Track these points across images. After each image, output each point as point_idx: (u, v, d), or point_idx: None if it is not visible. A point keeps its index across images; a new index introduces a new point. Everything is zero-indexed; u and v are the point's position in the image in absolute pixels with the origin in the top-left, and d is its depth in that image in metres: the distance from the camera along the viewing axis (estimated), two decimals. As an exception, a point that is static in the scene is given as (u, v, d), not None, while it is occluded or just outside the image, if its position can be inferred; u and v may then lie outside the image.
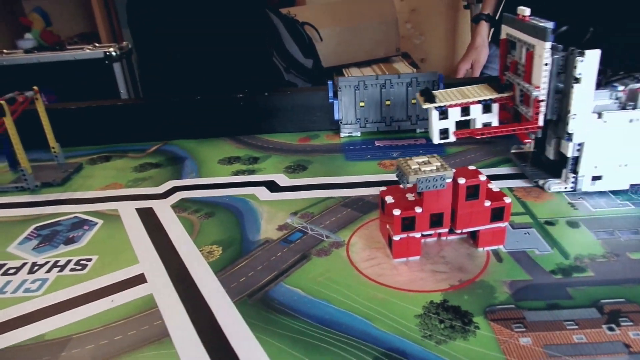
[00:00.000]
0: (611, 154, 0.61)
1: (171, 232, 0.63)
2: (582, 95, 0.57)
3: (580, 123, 0.59)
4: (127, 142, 0.95)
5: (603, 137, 0.60)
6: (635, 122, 0.60)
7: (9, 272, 0.57)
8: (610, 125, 0.60)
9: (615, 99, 0.61)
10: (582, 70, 0.56)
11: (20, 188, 0.77)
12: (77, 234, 0.64)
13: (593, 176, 0.63)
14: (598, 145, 0.61)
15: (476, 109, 0.66)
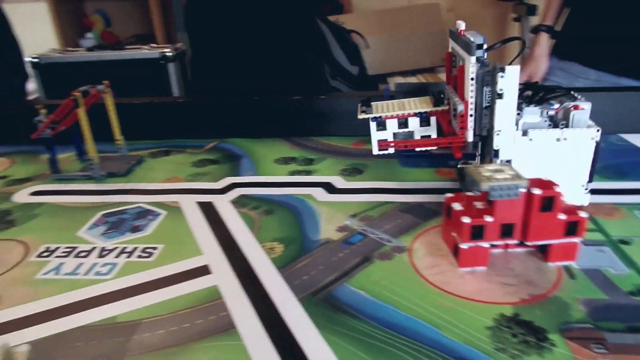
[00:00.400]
0: (540, 174, 0.57)
1: (232, 227, 0.64)
2: (505, 111, 0.56)
3: (505, 140, 0.57)
4: (185, 138, 0.98)
5: (530, 155, 0.58)
6: (563, 141, 0.58)
7: (80, 254, 0.59)
8: (537, 144, 0.58)
9: (546, 117, 0.59)
10: (503, 86, 0.54)
11: (87, 177, 0.80)
12: (142, 223, 0.66)
13: None
14: (525, 164, 0.58)
15: (414, 122, 0.66)
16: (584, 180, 0.60)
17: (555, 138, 0.58)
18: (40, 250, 0.60)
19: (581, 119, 0.58)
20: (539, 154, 0.59)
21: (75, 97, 0.75)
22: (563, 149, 0.58)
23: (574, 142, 0.58)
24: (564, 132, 0.57)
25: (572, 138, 0.57)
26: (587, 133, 0.57)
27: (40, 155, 0.93)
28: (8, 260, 0.58)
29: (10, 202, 0.74)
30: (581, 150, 0.58)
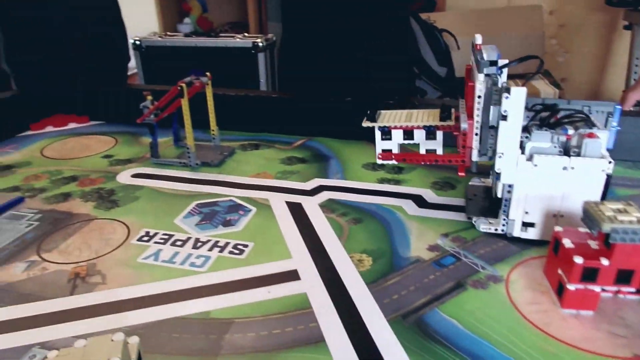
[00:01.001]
0: (544, 202, 0.55)
1: (321, 232, 0.64)
2: (508, 133, 0.53)
3: (508, 163, 0.54)
4: (274, 133, 0.99)
5: (535, 182, 0.55)
6: (570, 170, 0.53)
7: (176, 243, 0.61)
8: (543, 171, 0.54)
9: (557, 143, 0.54)
10: (507, 108, 0.51)
11: (183, 164, 0.84)
12: (233, 218, 0.67)
13: (524, 222, 0.58)
14: (529, 190, 0.55)
15: (420, 134, 0.64)
16: None
17: (562, 166, 0.53)
18: (140, 234, 0.63)
19: (595, 148, 0.53)
20: (544, 181, 0.54)
21: (181, 87, 0.78)
22: (570, 178, 0.54)
23: (582, 173, 0.53)
24: (572, 160, 0.53)
25: (580, 168, 0.53)
26: (598, 164, 0.52)
27: (141, 137, 0.98)
28: (112, 241, 0.62)
29: (115, 182, 0.79)
30: (590, 181, 0.53)
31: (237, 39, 1.77)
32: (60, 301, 0.51)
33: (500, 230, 0.61)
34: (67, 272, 0.56)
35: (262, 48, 1.75)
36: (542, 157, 0.54)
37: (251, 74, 1.77)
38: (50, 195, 0.74)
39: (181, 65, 1.79)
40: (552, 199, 0.56)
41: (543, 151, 0.55)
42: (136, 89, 1.06)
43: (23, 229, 0.65)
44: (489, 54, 0.55)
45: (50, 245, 0.61)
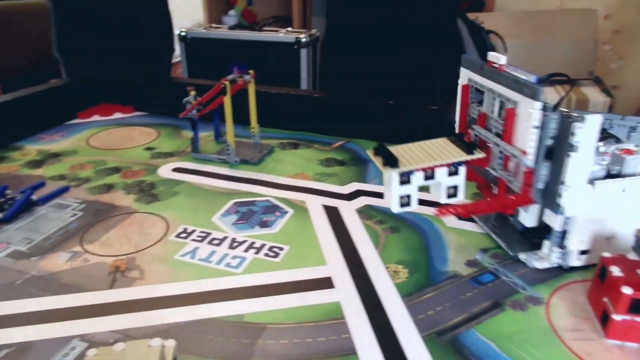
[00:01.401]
0: (600, 226, 0.53)
1: (356, 239, 0.63)
2: (579, 165, 0.49)
3: (575, 195, 0.50)
4: (313, 133, 0.99)
5: (594, 207, 0.52)
6: (628, 192, 0.51)
7: (213, 242, 0.62)
8: (602, 195, 0.51)
9: (601, 163, 0.51)
10: (580, 138, 0.47)
11: (222, 160, 0.85)
12: (270, 219, 0.68)
13: (581, 250, 0.55)
14: (589, 217, 0.52)
15: (442, 173, 0.54)
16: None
17: (622, 189, 0.51)
18: (178, 230, 0.64)
19: (635, 165, 0.51)
20: (601, 207, 0.52)
21: (224, 85, 0.79)
22: (626, 200, 0.51)
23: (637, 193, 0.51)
24: (628, 181, 0.51)
25: (636, 191, 0.51)
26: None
27: (182, 130, 0.99)
28: (151, 236, 0.63)
29: (156, 175, 0.80)
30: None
31: (281, 33, 1.77)
32: (100, 294, 0.52)
33: (555, 264, 0.57)
34: (107, 265, 0.57)
35: (305, 44, 1.74)
36: (603, 183, 0.51)
37: (293, 70, 1.77)
38: (94, 186, 0.76)
39: (224, 57, 1.81)
40: (605, 223, 0.53)
41: (596, 175, 0.52)
42: (180, 82, 1.07)
43: (67, 218, 0.67)
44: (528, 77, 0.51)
45: (92, 237, 0.63)
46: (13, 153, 0.88)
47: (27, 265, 0.57)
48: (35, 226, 0.65)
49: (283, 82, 1.80)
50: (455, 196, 0.55)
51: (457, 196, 0.55)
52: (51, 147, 0.91)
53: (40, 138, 0.95)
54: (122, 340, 0.46)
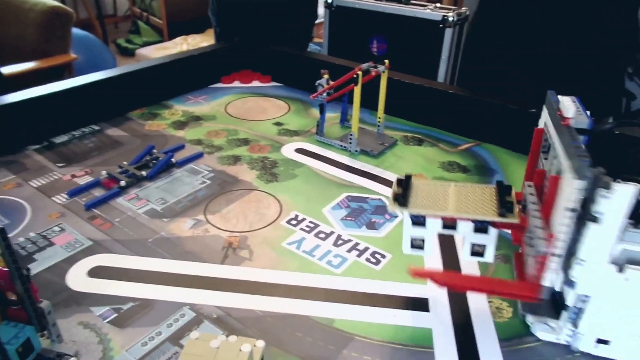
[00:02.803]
0: (630, 319, 0.43)
1: (464, 262, 0.60)
2: (598, 239, 0.40)
3: (590, 273, 0.41)
4: (441, 130, 0.95)
5: (621, 295, 0.42)
6: None
7: (320, 235, 0.64)
8: (635, 285, 0.41)
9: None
10: (604, 209, 0.38)
11: (343, 147, 0.86)
12: (378, 220, 0.67)
13: (598, 339, 0.46)
14: (612, 304, 0.43)
15: (466, 226, 0.46)
16: None
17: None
18: (290, 216, 0.67)
19: None
20: (635, 298, 0.41)
21: (357, 75, 0.78)
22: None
23: None
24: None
25: None
26: None
27: (311, 108, 1.02)
28: (266, 217, 0.67)
29: (279, 153, 0.84)
30: None
31: (427, 9, 1.70)
32: (212, 267, 0.57)
33: (564, 340, 0.49)
34: (222, 239, 0.62)
35: (452, 23, 1.65)
36: (633, 271, 0.40)
37: (433, 50, 1.70)
38: (224, 155, 0.82)
39: (366, 29, 1.80)
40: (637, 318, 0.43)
41: (636, 257, 0.41)
42: (316, 59, 1.09)
43: (197, 185, 0.74)
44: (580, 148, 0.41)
45: (215, 208, 0.68)
46: (164, 111, 0.98)
47: (159, 225, 0.64)
48: (171, 187, 0.73)
49: (420, 62, 1.74)
50: (482, 256, 0.48)
51: (485, 257, 0.48)
52: (195, 109, 1.00)
53: (187, 99, 1.04)
54: (223, 317, 0.50)
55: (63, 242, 0.60)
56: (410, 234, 0.49)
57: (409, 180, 0.50)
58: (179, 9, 3.88)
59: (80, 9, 3.94)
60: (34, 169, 0.76)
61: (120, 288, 0.54)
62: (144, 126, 0.91)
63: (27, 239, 0.61)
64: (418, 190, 0.49)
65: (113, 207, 0.68)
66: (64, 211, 0.66)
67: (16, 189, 0.71)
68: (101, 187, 0.72)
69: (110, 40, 3.85)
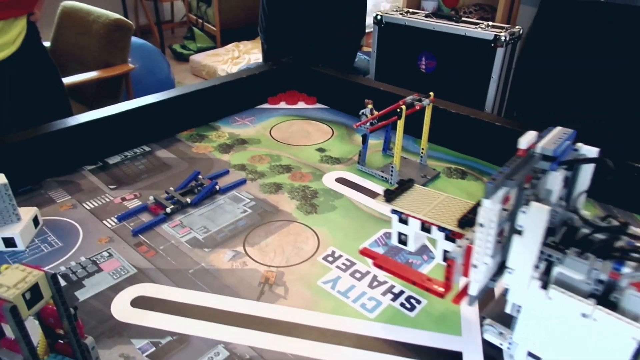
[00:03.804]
0: (558, 342, 0.45)
1: (501, 313, 0.59)
2: (522, 250, 0.44)
3: (518, 283, 0.45)
4: (487, 162, 0.93)
5: (548, 314, 0.44)
6: (590, 320, 0.41)
7: (355, 274, 0.64)
8: (557, 307, 0.43)
9: (591, 280, 0.42)
10: (523, 223, 0.42)
11: (384, 179, 0.85)
12: (415, 262, 0.67)
13: (529, 352, 0.49)
14: (540, 320, 0.45)
15: (438, 232, 0.52)
16: None
17: (581, 312, 0.42)
18: (327, 252, 0.68)
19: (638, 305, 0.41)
20: (558, 320, 0.44)
21: (400, 109, 0.78)
22: (590, 331, 0.42)
23: (605, 330, 0.41)
24: (596, 311, 0.41)
25: (603, 324, 0.41)
26: (626, 328, 0.39)
27: (354, 135, 1.02)
28: (303, 251, 0.68)
29: (321, 182, 0.85)
30: (614, 345, 0.41)
31: (479, 28, 1.66)
32: (249, 304, 0.59)
33: (505, 347, 0.52)
34: (260, 273, 0.64)
35: (504, 43, 1.61)
36: (558, 292, 0.43)
37: (483, 70, 1.66)
38: (266, 183, 0.84)
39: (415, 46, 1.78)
40: (566, 344, 0.44)
41: (570, 283, 0.44)
42: (363, 84, 1.09)
43: (239, 213, 0.75)
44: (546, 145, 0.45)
45: (254, 239, 0.70)
46: (211, 133, 1.01)
47: (200, 255, 0.67)
48: (213, 215, 0.75)
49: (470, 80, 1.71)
50: None
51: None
52: (241, 132, 1.02)
53: (234, 120, 1.07)
54: (255, 359, 0.51)
55: (110, 269, 0.64)
56: (396, 229, 0.57)
57: (409, 183, 0.58)
58: (232, 16, 3.98)
59: (141, 14, 4.11)
60: (88, 190, 0.81)
61: (160, 321, 0.56)
62: (192, 148, 0.95)
63: (78, 264, 0.64)
64: (412, 193, 0.57)
65: (158, 233, 0.71)
66: (112, 236, 0.70)
67: (71, 211, 0.75)
68: (148, 213, 0.75)
69: (166, 45, 4.00)
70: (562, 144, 0.46)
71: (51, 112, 1.07)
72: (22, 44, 0.98)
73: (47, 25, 1.72)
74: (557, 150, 0.45)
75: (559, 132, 0.48)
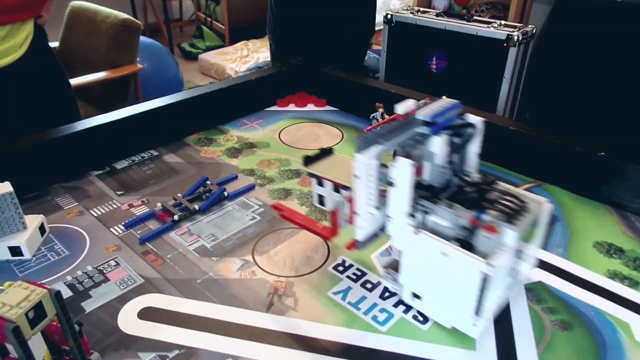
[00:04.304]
0: (430, 280, 0.54)
1: (517, 326, 0.57)
2: (395, 200, 0.51)
3: (397, 229, 0.53)
4: (500, 166, 0.91)
5: (421, 257, 0.53)
6: (449, 258, 0.49)
7: (366, 285, 0.63)
8: (427, 249, 0.51)
9: (455, 226, 0.51)
10: (394, 175, 0.49)
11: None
12: (428, 271, 0.65)
13: (412, 292, 0.57)
14: (416, 262, 0.55)
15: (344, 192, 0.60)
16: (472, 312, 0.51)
17: (442, 252, 0.50)
18: (337, 261, 0.66)
19: (490, 244, 0.50)
20: (428, 259, 0.52)
21: (412, 114, 0.76)
22: (450, 267, 0.50)
23: (458, 265, 0.49)
24: (450, 249, 0.49)
25: (456, 260, 0.49)
26: (473, 263, 0.47)
27: (364, 138, 1.00)
28: (313, 260, 0.67)
29: (330, 188, 0.83)
30: (467, 278, 0.49)
31: (491, 27, 1.63)
32: (258, 316, 0.58)
33: (394, 290, 0.61)
34: (268, 284, 0.62)
35: (517, 42, 1.58)
36: (426, 236, 0.51)
37: (495, 70, 1.63)
38: (275, 189, 0.82)
39: (425, 45, 1.75)
40: (435, 281, 0.53)
41: (439, 230, 0.53)
42: (373, 86, 1.07)
43: (247, 220, 0.74)
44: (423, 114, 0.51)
45: (263, 248, 0.69)
46: (219, 137, 1.00)
47: (208, 264, 0.66)
48: (222, 223, 0.74)
49: (481, 80, 1.68)
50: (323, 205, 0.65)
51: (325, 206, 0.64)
52: (249, 135, 1.01)
53: (243, 124, 1.06)
54: (265, 374, 0.50)
55: (117, 279, 0.63)
56: (316, 192, 0.64)
57: (329, 152, 0.65)
58: (241, 14, 3.97)
59: (150, 13, 4.11)
60: (95, 196, 0.80)
61: (168, 333, 0.55)
62: (200, 152, 0.94)
63: (85, 273, 0.64)
64: (329, 160, 0.64)
65: (166, 241, 0.70)
66: (119, 244, 0.69)
67: (78, 218, 0.74)
68: (156, 220, 0.74)
69: (175, 43, 4.00)
70: (444, 112, 0.52)
71: (59, 115, 1.06)
72: (29, 48, 0.97)
73: (56, 25, 1.72)
74: (435, 116, 0.51)
75: (444, 102, 0.54)
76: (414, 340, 0.55)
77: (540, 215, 0.52)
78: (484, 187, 0.53)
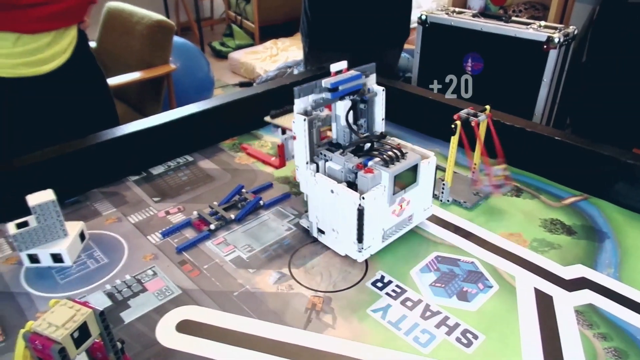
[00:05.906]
0: (327, 216, 0.66)
1: (567, 354, 0.54)
2: (298, 150, 0.65)
3: (302, 175, 0.66)
4: (544, 178, 0.87)
5: (320, 196, 0.65)
6: (335, 195, 0.62)
7: (407, 303, 0.61)
8: (322, 188, 0.64)
9: (344, 169, 0.64)
10: (294, 129, 0.63)
11: (435, 196, 0.81)
12: (470, 290, 0.63)
13: (318, 228, 0.68)
14: (317, 201, 0.66)
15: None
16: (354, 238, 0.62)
17: (330, 189, 0.62)
18: (376, 277, 0.65)
19: (366, 182, 0.60)
20: (323, 199, 0.64)
21: (455, 125, 0.74)
22: (338, 202, 0.62)
23: (343, 200, 0.61)
24: (336, 187, 0.61)
25: (341, 196, 0.61)
26: (351, 197, 0.59)
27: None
28: (350, 276, 0.65)
29: (366, 198, 0.81)
30: (349, 211, 0.60)
31: (530, 29, 1.58)
32: (296, 333, 0.56)
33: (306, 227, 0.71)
34: (306, 298, 0.61)
35: (557, 44, 1.52)
36: (319, 177, 0.64)
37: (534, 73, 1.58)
38: (311, 198, 0.81)
39: (461, 47, 1.71)
40: (330, 215, 0.65)
41: (334, 174, 0.65)
42: (409, 92, 1.05)
43: (283, 231, 0.73)
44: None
45: (299, 260, 0.67)
46: (254, 142, 0.99)
47: (245, 277, 0.65)
48: (257, 233, 0.73)
49: (519, 83, 1.63)
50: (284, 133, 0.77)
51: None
52: (283, 141, 1.00)
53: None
54: (304, 396, 0.49)
55: (155, 289, 0.62)
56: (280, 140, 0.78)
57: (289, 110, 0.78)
58: (271, 13, 3.98)
59: (181, 12, 4.16)
60: (133, 202, 0.80)
61: (205, 348, 0.54)
62: (234, 159, 0.93)
63: (124, 282, 0.64)
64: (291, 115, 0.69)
65: (202, 251, 0.69)
66: (157, 252, 0.69)
67: (116, 224, 0.75)
68: (192, 228, 0.74)
69: (206, 42, 4.03)
70: (347, 80, 0.63)
71: (98, 117, 1.08)
72: (73, 53, 0.99)
73: (93, 24, 1.74)
74: (336, 83, 0.62)
75: (349, 73, 0.64)
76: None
77: (419, 164, 0.64)
78: (374, 140, 0.66)
